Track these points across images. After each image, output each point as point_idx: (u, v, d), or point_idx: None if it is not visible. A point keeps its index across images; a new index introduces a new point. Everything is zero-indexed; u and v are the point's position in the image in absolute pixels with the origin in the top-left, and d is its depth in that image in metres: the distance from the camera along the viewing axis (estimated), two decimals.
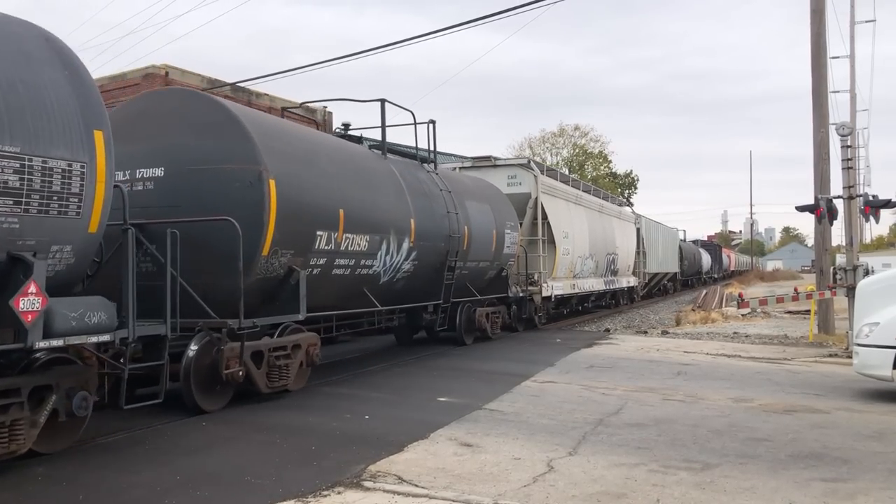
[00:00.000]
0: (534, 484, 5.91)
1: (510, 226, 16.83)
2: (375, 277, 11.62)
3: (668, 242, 39.88)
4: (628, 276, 30.16)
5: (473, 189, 15.97)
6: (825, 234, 18.28)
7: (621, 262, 28.32)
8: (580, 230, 22.61)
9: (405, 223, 12.15)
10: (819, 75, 18.25)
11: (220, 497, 5.61)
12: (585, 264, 23.13)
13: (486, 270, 16.05)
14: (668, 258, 39.99)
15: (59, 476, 6.06)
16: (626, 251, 29.40)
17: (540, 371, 12.07)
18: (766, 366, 13.20)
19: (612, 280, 27.04)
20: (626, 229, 29.84)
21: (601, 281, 25.33)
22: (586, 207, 24.04)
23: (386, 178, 12.11)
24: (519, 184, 19.32)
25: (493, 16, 14.98)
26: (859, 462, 6.62)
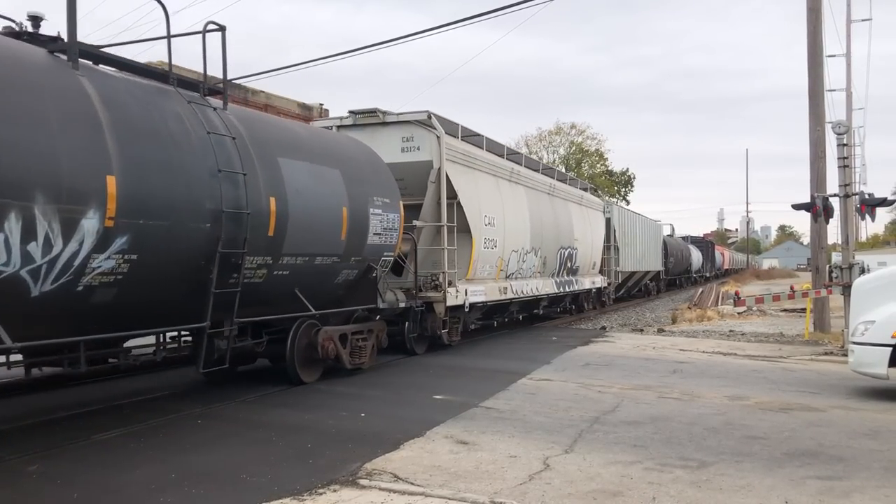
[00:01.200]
0: (530, 482, 5.91)
1: (383, 204, 11.44)
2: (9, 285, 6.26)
3: (649, 237, 34.94)
4: (593, 276, 24.95)
5: (305, 143, 10.36)
6: (821, 233, 18.31)
7: (583, 258, 23.13)
8: (516, 216, 17.17)
9: (88, 182, 6.78)
10: (815, 74, 18.27)
11: (215, 495, 5.60)
12: (525, 261, 17.90)
13: (335, 270, 10.61)
14: (650, 255, 35.16)
15: (54, 474, 6.04)
16: (591, 245, 24.07)
17: (536, 369, 12.07)
18: (762, 364, 13.21)
19: (570, 281, 21.90)
20: (590, 219, 24.44)
21: (551, 282, 20.05)
22: (528, 187, 18.52)
23: (51, 101, 6.70)
24: (416, 148, 13.86)
25: (490, 13, 14.96)
26: (855, 460, 6.63)
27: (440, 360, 13.12)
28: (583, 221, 23.30)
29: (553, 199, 20.57)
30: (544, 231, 19.21)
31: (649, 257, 35.04)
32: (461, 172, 14.52)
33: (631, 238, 30.42)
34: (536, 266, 18.85)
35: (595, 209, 25.63)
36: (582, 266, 23.17)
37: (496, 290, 16.09)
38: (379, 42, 37.47)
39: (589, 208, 24.67)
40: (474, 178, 15.27)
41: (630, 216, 31.67)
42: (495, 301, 16.29)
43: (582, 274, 23.34)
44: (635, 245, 31.30)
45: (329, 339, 10.47)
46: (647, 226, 35.37)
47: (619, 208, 30.22)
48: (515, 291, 17.26)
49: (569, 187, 22.87)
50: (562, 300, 22.94)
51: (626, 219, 30.35)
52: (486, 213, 15.34)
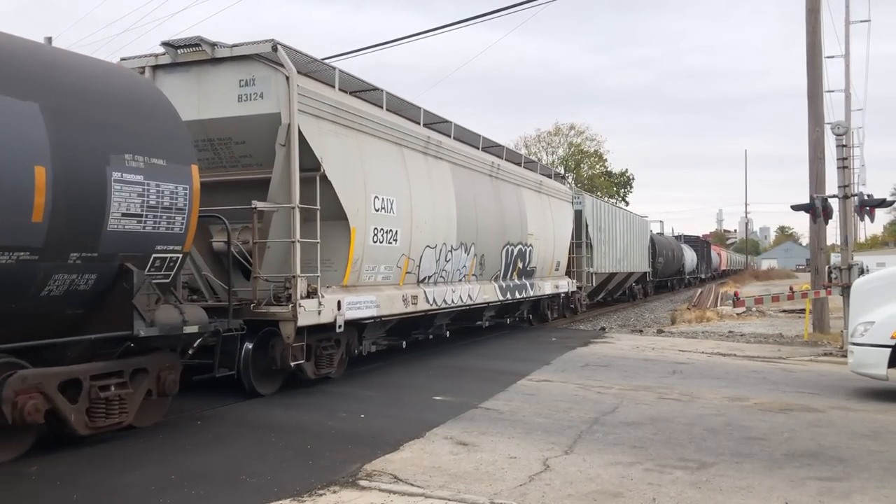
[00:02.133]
0: (530, 483, 5.90)
1: (150, 168, 7.10)
2: None
3: (633, 234, 30.83)
4: (558, 279, 20.68)
5: None
6: (820, 234, 18.34)
7: (542, 257, 18.85)
8: (434, 201, 12.89)
9: None
10: (814, 75, 18.28)
11: (214, 496, 5.59)
12: (451, 260, 13.61)
13: (32, 275, 6.25)
14: (634, 254, 31.02)
15: (53, 475, 6.03)
16: (553, 242, 19.80)
17: (536, 370, 12.07)
18: (762, 364, 13.22)
19: (523, 286, 17.64)
20: (553, 210, 20.08)
21: (493, 287, 15.81)
22: (457, 164, 14.15)
23: None
24: (258, 95, 9.50)
25: (490, 14, 14.99)
26: (854, 461, 6.63)
27: (446, 362, 13.09)
28: (541, 212, 18.98)
29: (497, 183, 16.27)
30: (482, 222, 14.93)
31: (633, 257, 30.88)
32: (331, 133, 10.09)
33: (609, 234, 26.23)
34: (470, 267, 14.56)
35: (560, 199, 21.18)
36: (540, 267, 18.91)
37: (398, 301, 11.51)
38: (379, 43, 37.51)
39: (551, 197, 20.26)
40: (358, 145, 10.65)
41: (608, 210, 27.44)
42: (397, 315, 11.69)
43: (541, 276, 19.07)
44: (614, 242, 27.03)
45: (30, 393, 6.21)
46: (631, 221, 31.32)
47: (595, 199, 25.82)
48: (433, 301, 12.66)
49: (521, 170, 18.24)
50: (514, 309, 18.74)
51: (604, 212, 26.06)
52: (377, 193, 10.88)
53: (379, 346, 12.05)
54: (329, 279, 10.11)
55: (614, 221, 27.47)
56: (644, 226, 34.75)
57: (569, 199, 22.26)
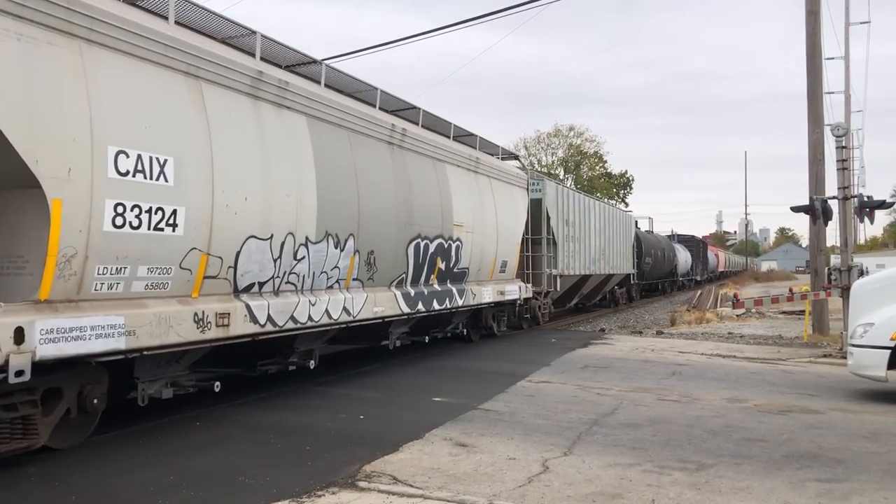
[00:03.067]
0: (529, 484, 5.90)
1: None
2: None
3: (613, 230, 26.75)
4: (505, 283, 16.49)
5: None
6: (820, 235, 18.33)
7: (479, 255, 14.85)
8: (266, 166, 8.76)
9: None
10: (814, 76, 18.29)
11: (213, 497, 5.59)
12: (307, 258, 9.54)
13: None
14: (615, 253, 27.11)
15: (52, 476, 6.02)
16: (497, 236, 15.76)
17: (535, 371, 12.06)
18: (761, 366, 13.21)
19: (447, 293, 13.52)
20: (498, 196, 16.03)
21: (394, 295, 11.66)
22: (318, 118, 9.97)
23: None
24: None
25: (490, 14, 15.00)
26: (854, 462, 6.63)
27: (445, 363, 13.08)
28: (478, 198, 14.85)
29: (402, 156, 11.99)
30: (370, 206, 10.71)
31: (613, 256, 26.84)
32: None
33: (581, 230, 22.40)
34: (348, 268, 10.29)
35: (509, 182, 17.02)
36: (476, 268, 14.86)
37: (184, 322, 7.37)
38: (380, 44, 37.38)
39: (495, 180, 16.10)
40: (75, 59, 6.40)
41: (579, 201, 22.76)
42: (182, 345, 7.44)
43: (478, 280, 14.97)
44: (587, 240, 23.04)
45: None
46: (611, 216, 27.07)
47: (560, 187, 21.45)
48: (269, 319, 8.67)
49: (447, 141, 14.00)
50: (441, 322, 14.54)
51: (573, 203, 21.78)
52: (124, 146, 6.74)
53: (183, 388, 8.11)
54: (15, 290, 6.24)
55: (587, 215, 23.31)
56: (627, 221, 30.83)
57: (523, 185, 18.01)
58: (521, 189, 17.98)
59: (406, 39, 18.82)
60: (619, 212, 30.33)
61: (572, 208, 21.66)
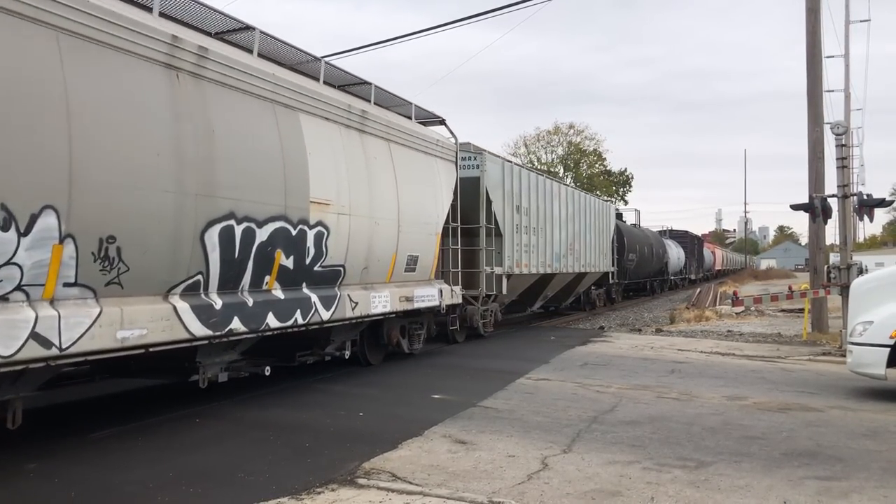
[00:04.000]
0: (528, 482, 5.90)
1: None
2: None
3: (586, 221, 23.18)
4: (417, 285, 12.42)
5: None
6: (819, 233, 18.34)
7: (368, 247, 10.83)
8: None
9: None
10: (814, 74, 18.28)
11: (212, 494, 5.58)
12: None
13: None
14: (589, 248, 23.60)
15: (51, 472, 6.02)
16: (399, 221, 11.65)
17: (534, 369, 12.07)
18: (760, 364, 13.22)
19: (303, 302, 9.36)
20: (402, 167, 11.84)
21: (168, 312, 7.18)
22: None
23: None
24: None
25: (490, 12, 14.97)
26: (853, 460, 6.63)
27: (444, 361, 13.07)
28: (361, 167, 10.63)
29: (199, 88, 7.80)
30: (94, 158, 6.48)
31: (587, 252, 23.24)
32: None
33: (541, 219, 18.81)
34: (47, 266, 6.06)
35: (425, 152, 12.63)
36: (359, 265, 10.59)
37: None
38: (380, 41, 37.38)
39: (397, 144, 11.70)
40: None
41: (539, 184, 18.93)
42: None
43: (365, 282, 10.82)
44: (549, 231, 19.49)
45: None
46: (584, 205, 23.26)
47: (509, 164, 17.22)
48: None
49: (301, 80, 9.66)
50: (318, 342, 10.46)
51: (528, 186, 18.03)
52: None
53: None
54: None
55: (549, 201, 19.49)
56: (606, 212, 26.65)
57: (449, 157, 13.58)
58: (446, 162, 13.42)
59: (405, 37, 18.75)
60: (596, 200, 25.90)
61: (527, 192, 17.77)
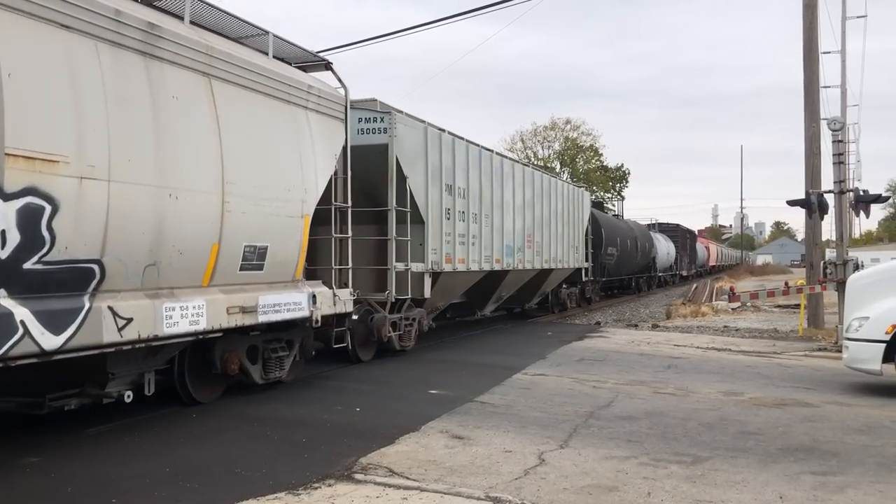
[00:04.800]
0: (525, 477, 5.91)
1: None
2: None
3: (550, 209, 19.62)
4: (265, 291, 8.33)
5: None
6: (816, 229, 18.35)
7: (158, 231, 6.78)
8: None
9: None
10: (811, 70, 18.29)
11: (209, 489, 5.58)
12: None
13: None
14: (556, 241, 20.07)
15: (49, 467, 6.02)
16: (220, 190, 7.61)
17: (531, 364, 12.08)
18: (757, 360, 13.25)
19: None
20: (234, 115, 7.86)
21: None
22: None
23: None
24: None
25: (488, 7, 14.95)
26: (849, 455, 6.65)
27: (441, 356, 13.10)
28: (147, 107, 6.74)
29: None
30: None
31: (552, 245, 19.71)
32: None
33: (486, 204, 15.27)
34: None
35: (285, 100, 8.88)
36: (145, 260, 6.74)
37: None
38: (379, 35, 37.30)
39: (225, 83, 7.83)
40: None
41: (480, 158, 15.08)
42: None
43: (167, 283, 7.06)
44: (495, 219, 15.72)
45: None
46: (548, 189, 19.56)
47: (430, 129, 13.18)
48: None
49: None
50: (70, 381, 6.74)
51: (462, 158, 14.17)
52: None
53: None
54: None
55: (498, 182, 15.87)
56: (578, 199, 22.76)
57: (332, 111, 9.90)
58: (327, 119, 9.70)
59: (404, 31, 18.75)
60: (565, 185, 22.14)
61: (464, 169, 14.01)
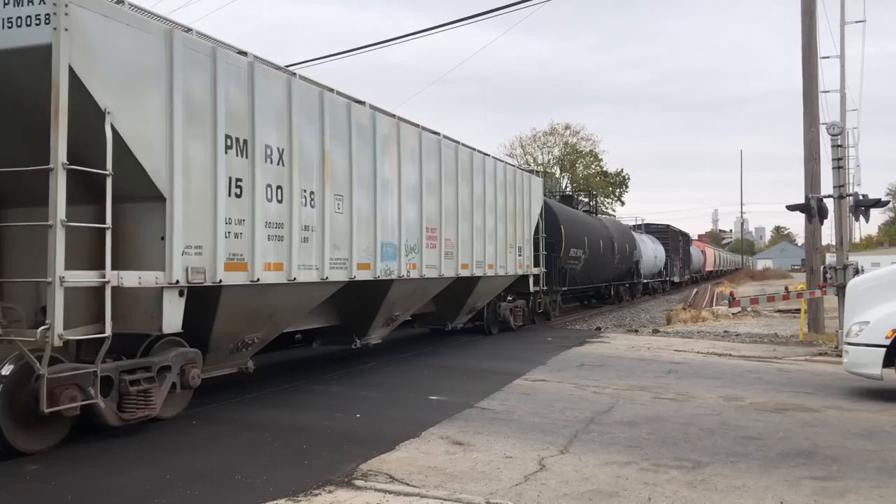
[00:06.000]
0: (525, 483, 5.90)
1: None
2: None
3: (473, 194, 14.64)
4: None
5: None
6: (815, 234, 18.37)
7: None
8: None
9: None
10: (810, 75, 18.32)
11: (210, 496, 5.58)
12: None
13: None
14: (484, 238, 15.15)
15: (48, 475, 6.01)
16: None
17: (531, 369, 12.07)
18: (757, 364, 13.24)
19: None
20: None
21: None
22: None
23: None
24: None
25: (489, 12, 14.99)
26: (849, 460, 6.64)
27: (441, 361, 13.10)
28: None
29: None
30: None
31: (475, 244, 14.63)
32: None
33: (341, 178, 10.07)
34: None
35: None
36: None
37: None
38: (380, 41, 37.44)
39: None
40: None
41: (330, 104, 9.88)
42: None
43: None
44: (361, 202, 10.55)
45: None
46: (472, 168, 14.61)
47: (176, 32, 7.47)
48: None
49: None
50: None
51: (279, 98, 8.90)
52: None
53: None
54: None
55: (364, 144, 10.67)
56: (523, 186, 17.67)
57: None
58: None
59: (406, 37, 18.74)
60: (501, 165, 16.52)
61: (283, 116, 8.93)
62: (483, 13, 15.31)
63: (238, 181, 8.13)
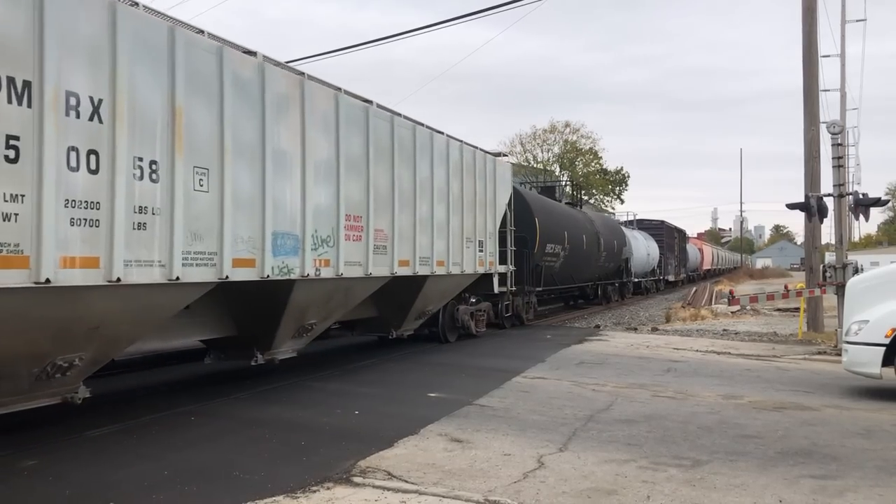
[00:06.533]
0: (524, 480, 5.90)
1: None
2: None
3: (417, 176, 12.14)
4: None
5: None
6: (815, 232, 18.36)
7: None
8: None
9: None
10: (810, 74, 18.31)
11: (208, 492, 5.57)
12: None
13: None
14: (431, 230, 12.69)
15: (47, 471, 6.01)
16: None
17: (530, 367, 12.07)
18: (756, 363, 13.24)
19: None
20: None
21: None
22: None
23: None
24: None
25: (489, 10, 14.97)
26: (848, 459, 6.64)
27: (440, 359, 13.10)
28: None
29: None
30: None
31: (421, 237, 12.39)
32: None
33: (207, 146, 7.58)
34: None
35: None
36: None
37: None
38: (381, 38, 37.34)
39: None
40: None
41: (184, 44, 7.26)
42: None
43: None
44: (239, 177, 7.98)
45: None
46: (418, 145, 12.26)
47: None
48: None
49: None
50: None
51: (102, 34, 6.37)
52: None
53: None
54: None
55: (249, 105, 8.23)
56: (485, 170, 15.33)
57: None
58: None
59: (406, 34, 18.76)
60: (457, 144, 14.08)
61: (107, 56, 6.45)
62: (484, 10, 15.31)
63: (12, 140, 5.66)
